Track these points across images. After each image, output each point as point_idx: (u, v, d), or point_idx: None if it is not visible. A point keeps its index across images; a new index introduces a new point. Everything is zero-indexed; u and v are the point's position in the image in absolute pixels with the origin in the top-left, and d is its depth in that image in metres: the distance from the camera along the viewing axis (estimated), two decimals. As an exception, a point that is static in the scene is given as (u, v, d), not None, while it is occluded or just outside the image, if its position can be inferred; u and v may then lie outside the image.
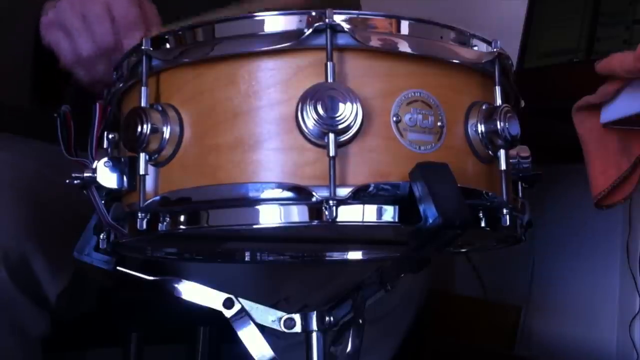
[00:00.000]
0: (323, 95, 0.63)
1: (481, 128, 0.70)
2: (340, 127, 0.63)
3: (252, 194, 0.64)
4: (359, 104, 0.63)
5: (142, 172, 0.68)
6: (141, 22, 0.86)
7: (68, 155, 0.73)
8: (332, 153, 0.63)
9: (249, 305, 0.85)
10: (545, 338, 1.92)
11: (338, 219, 0.63)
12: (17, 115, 1.11)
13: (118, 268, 0.81)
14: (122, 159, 0.70)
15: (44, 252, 0.95)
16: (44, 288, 0.96)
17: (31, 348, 0.99)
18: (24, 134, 1.10)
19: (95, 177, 0.70)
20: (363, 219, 0.65)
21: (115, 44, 0.86)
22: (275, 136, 0.65)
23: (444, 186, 0.63)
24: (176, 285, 0.85)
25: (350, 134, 0.64)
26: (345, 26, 0.65)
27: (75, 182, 0.71)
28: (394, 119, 0.66)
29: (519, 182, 0.78)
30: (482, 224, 0.70)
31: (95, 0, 0.86)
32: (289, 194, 0.64)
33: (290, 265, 1.08)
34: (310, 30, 0.65)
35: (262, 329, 0.86)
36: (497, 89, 0.72)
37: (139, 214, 0.68)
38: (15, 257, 0.93)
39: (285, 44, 0.66)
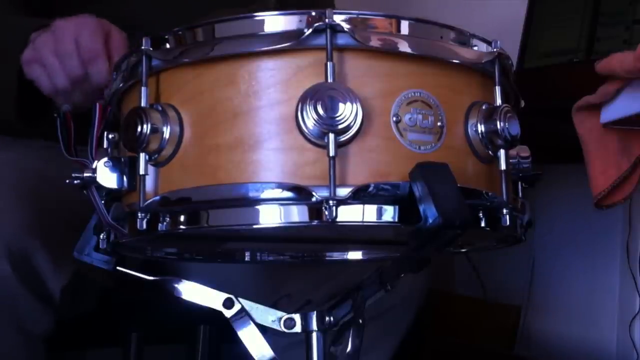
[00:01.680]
0: (323, 95, 0.63)
1: (481, 128, 0.70)
2: (340, 127, 0.63)
3: (252, 194, 0.64)
4: (358, 104, 0.63)
5: (142, 172, 0.68)
6: (104, 53, 0.91)
7: (68, 155, 0.73)
8: (332, 153, 0.63)
9: (249, 305, 0.85)
10: (545, 338, 1.92)
11: (338, 219, 0.63)
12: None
13: (118, 268, 0.81)
14: (122, 159, 0.71)
15: (46, 248, 0.95)
16: (47, 283, 0.97)
17: (35, 347, 1.00)
18: (25, 134, 1.10)
19: (95, 177, 0.70)
20: (363, 219, 0.65)
21: (85, 75, 0.91)
22: (275, 136, 0.65)
23: (444, 186, 0.63)
24: (176, 285, 0.85)
25: (350, 134, 0.64)
26: (345, 26, 0.65)
27: (75, 182, 0.71)
28: (394, 119, 0.66)
29: (519, 182, 0.78)
30: (482, 224, 0.70)
31: (65, 37, 0.91)
32: (289, 194, 0.64)
33: (290, 265, 1.08)
34: (310, 30, 0.65)
35: (263, 328, 0.86)
36: (497, 89, 0.72)
37: (139, 214, 0.68)
38: (18, 252, 0.93)
39: (285, 44, 0.66)
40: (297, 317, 0.86)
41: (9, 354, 0.96)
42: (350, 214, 0.64)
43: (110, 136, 0.74)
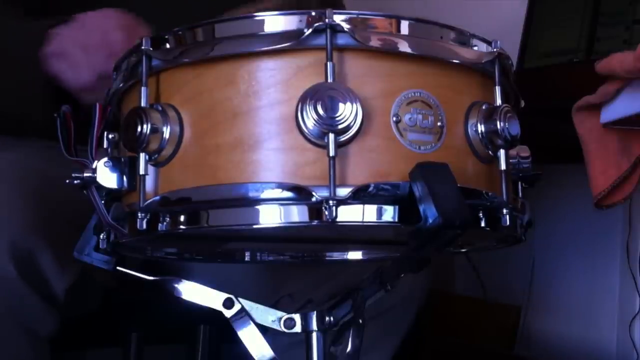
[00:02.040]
0: (323, 95, 0.63)
1: (481, 128, 0.70)
2: (340, 127, 0.63)
3: (252, 194, 0.64)
4: (358, 104, 0.63)
5: (142, 172, 0.68)
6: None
7: (68, 155, 0.73)
8: (332, 153, 0.63)
9: (249, 305, 0.85)
10: (545, 338, 1.92)
11: (338, 219, 0.63)
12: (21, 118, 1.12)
13: (118, 268, 0.81)
14: (122, 159, 0.70)
15: (50, 249, 0.95)
16: (52, 284, 0.97)
17: (41, 347, 1.00)
18: (27, 134, 1.10)
19: (95, 177, 0.70)
20: (363, 219, 0.65)
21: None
22: (275, 136, 0.65)
23: (444, 186, 0.63)
24: (176, 285, 0.85)
25: (350, 134, 0.64)
26: (345, 26, 0.65)
27: (75, 182, 0.71)
28: (394, 119, 0.66)
29: (519, 182, 0.78)
30: (482, 224, 0.70)
31: (93, 30, 0.90)
32: (289, 194, 0.64)
33: (290, 265, 1.08)
34: (310, 30, 0.65)
35: (263, 328, 0.86)
36: (497, 89, 0.72)
37: (139, 214, 0.68)
38: (22, 252, 0.93)
39: (285, 44, 0.66)
40: (297, 317, 0.86)
41: (16, 354, 0.97)
42: (350, 214, 0.64)
43: (110, 136, 0.74)
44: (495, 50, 0.72)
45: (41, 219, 0.95)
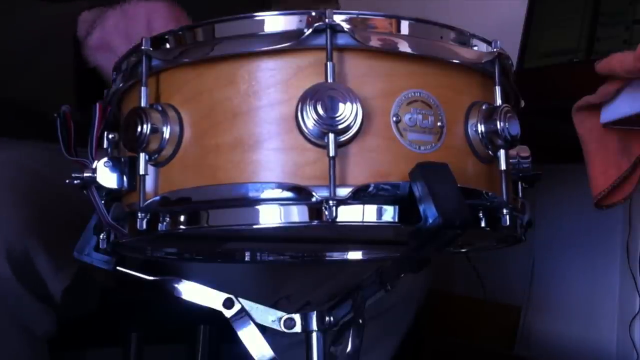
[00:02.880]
0: (323, 95, 0.63)
1: (481, 128, 0.70)
2: (340, 127, 0.63)
3: (252, 194, 0.64)
4: (358, 104, 0.63)
5: (142, 172, 0.68)
6: None
7: (68, 155, 0.73)
8: (332, 153, 0.63)
9: (249, 305, 0.85)
10: (545, 338, 1.92)
11: (338, 219, 0.63)
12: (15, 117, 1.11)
13: (118, 268, 0.81)
14: (122, 159, 0.70)
15: (47, 249, 0.95)
16: (48, 284, 0.97)
17: (39, 348, 1.00)
18: (23, 135, 1.10)
19: (95, 177, 0.70)
20: (363, 219, 0.65)
21: None
22: (275, 136, 0.65)
23: (444, 186, 0.63)
24: (176, 285, 0.85)
25: (350, 134, 0.64)
26: (345, 26, 0.65)
27: (75, 182, 0.71)
28: (394, 119, 0.66)
29: (519, 182, 0.78)
30: (482, 224, 0.70)
31: (137, 19, 0.89)
32: (289, 194, 0.64)
33: (290, 265, 1.08)
34: (310, 30, 0.65)
35: (263, 328, 0.86)
36: (497, 89, 0.71)
37: (139, 214, 0.68)
38: (18, 254, 0.93)
39: (285, 44, 0.65)
40: (297, 317, 0.86)
41: (13, 354, 0.96)
42: (350, 214, 0.64)
43: (110, 136, 0.74)
44: (495, 50, 0.72)
45: (37, 220, 0.95)
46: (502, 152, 0.70)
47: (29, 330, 0.97)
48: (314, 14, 0.65)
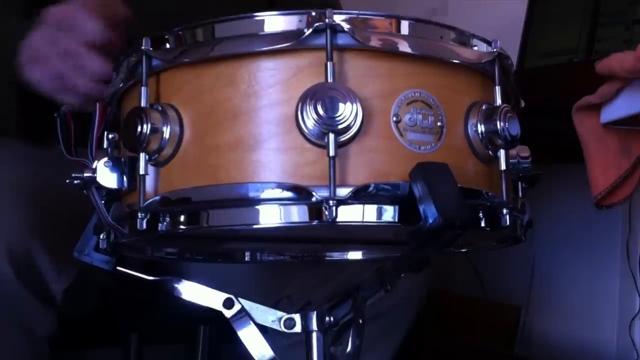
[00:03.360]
0: (323, 96, 0.63)
1: (481, 128, 0.70)
2: (340, 127, 0.63)
3: (252, 194, 0.64)
4: (358, 104, 0.63)
5: (142, 172, 0.68)
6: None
7: (68, 155, 0.73)
8: (332, 153, 0.63)
9: (249, 305, 0.85)
10: (545, 338, 1.92)
11: (338, 219, 0.63)
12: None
13: (118, 268, 0.81)
14: (122, 159, 0.70)
15: (48, 249, 0.95)
16: (49, 284, 0.97)
17: (39, 348, 1.00)
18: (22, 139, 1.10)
19: (95, 177, 0.70)
20: (363, 219, 0.65)
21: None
22: (275, 136, 0.65)
23: (444, 186, 0.63)
24: (176, 285, 0.85)
25: (350, 134, 0.64)
26: (345, 26, 0.65)
27: (76, 182, 0.71)
28: (394, 119, 0.66)
29: (519, 182, 0.78)
30: (482, 224, 0.70)
31: (61, 22, 0.87)
32: (289, 194, 0.64)
33: (290, 265, 1.08)
34: (310, 30, 0.65)
35: (263, 328, 0.86)
36: (497, 89, 0.72)
37: (139, 214, 0.68)
38: (19, 254, 0.93)
39: (285, 44, 0.65)
40: (297, 317, 0.86)
41: (14, 354, 0.97)
42: (350, 214, 0.64)
43: (110, 136, 0.74)
44: (495, 50, 0.72)
45: (38, 220, 0.95)
46: (502, 152, 0.70)
47: (30, 330, 0.97)
48: (314, 14, 0.66)
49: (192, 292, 0.85)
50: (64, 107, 0.75)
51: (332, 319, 0.86)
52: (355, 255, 0.94)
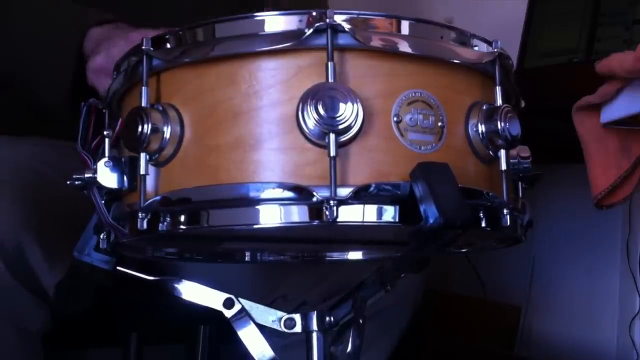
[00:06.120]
0: (324, 95, 0.63)
1: (482, 128, 0.70)
2: (340, 127, 0.63)
3: (252, 194, 0.64)
4: (359, 104, 0.63)
5: (142, 172, 0.68)
6: None
7: (81, 147, 0.73)
8: (332, 153, 0.63)
9: (249, 305, 0.85)
10: (545, 338, 1.92)
11: (338, 219, 0.63)
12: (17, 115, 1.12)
13: (118, 268, 0.81)
14: (123, 159, 0.70)
15: (40, 244, 0.96)
16: (41, 279, 0.97)
17: (32, 344, 1.00)
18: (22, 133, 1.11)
19: (95, 177, 0.70)
20: (363, 219, 0.65)
21: None
22: (276, 136, 0.65)
23: (444, 186, 0.63)
24: (176, 285, 0.85)
25: (351, 134, 0.64)
26: (346, 26, 0.65)
27: (76, 182, 0.71)
28: (395, 119, 0.66)
29: (519, 182, 0.78)
30: (483, 224, 0.70)
31: None
32: (289, 194, 0.64)
33: (288, 265, 1.08)
34: (311, 30, 0.65)
35: (263, 328, 0.86)
36: (498, 89, 0.72)
37: (140, 214, 0.68)
38: (11, 247, 0.93)
39: (286, 44, 0.65)
40: (297, 317, 0.86)
41: (6, 351, 0.97)
42: (350, 214, 0.64)
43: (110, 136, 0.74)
44: (495, 50, 0.72)
45: (30, 214, 0.96)
46: (502, 152, 0.70)
47: (23, 326, 0.97)
48: (314, 13, 0.66)
49: (192, 292, 0.85)
50: (91, 100, 0.75)
51: (332, 319, 0.86)
52: (355, 255, 0.94)
